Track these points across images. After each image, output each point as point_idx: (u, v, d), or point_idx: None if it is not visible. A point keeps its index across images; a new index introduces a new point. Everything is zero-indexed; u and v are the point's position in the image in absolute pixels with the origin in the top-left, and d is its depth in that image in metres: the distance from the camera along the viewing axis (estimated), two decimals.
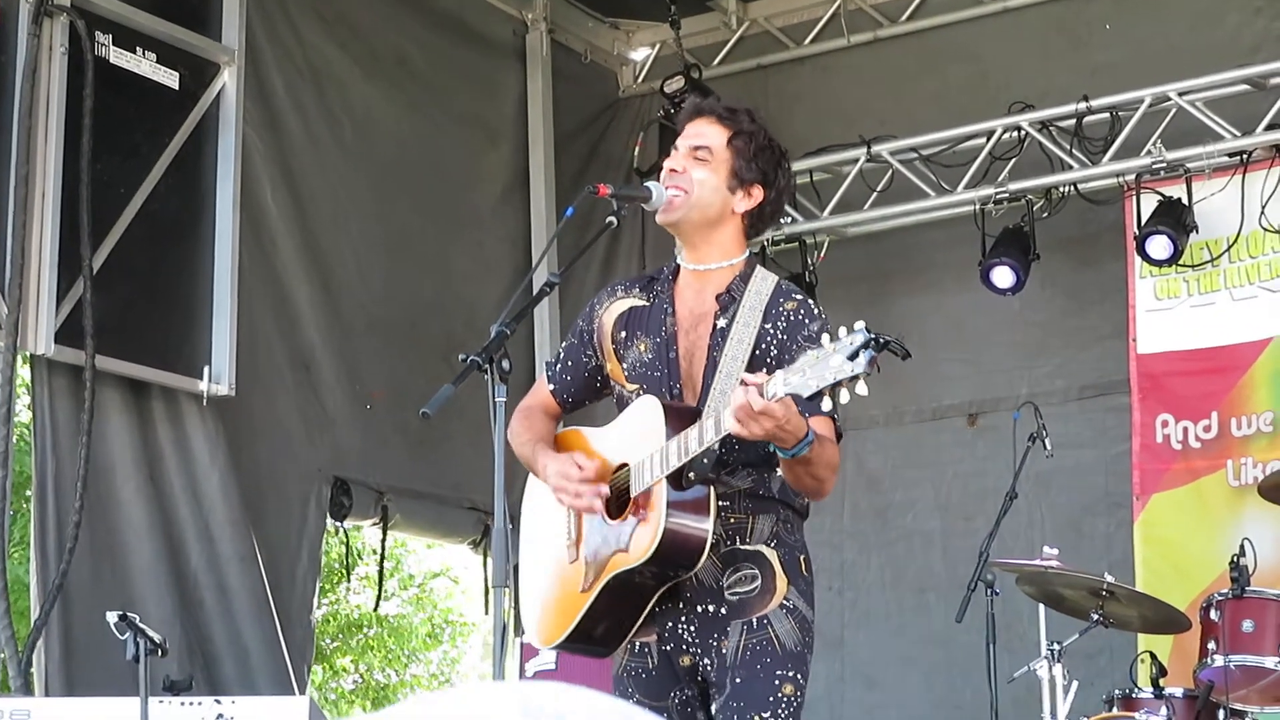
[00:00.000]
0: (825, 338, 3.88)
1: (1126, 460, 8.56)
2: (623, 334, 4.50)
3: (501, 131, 9.63)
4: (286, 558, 8.11)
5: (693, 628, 4.33)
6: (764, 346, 4.32)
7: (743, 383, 4.05)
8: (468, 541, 9.32)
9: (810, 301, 4.45)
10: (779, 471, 4.33)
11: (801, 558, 4.39)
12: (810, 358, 3.87)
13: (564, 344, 4.69)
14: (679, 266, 4.53)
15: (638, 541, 4.21)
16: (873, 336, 3.79)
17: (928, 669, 8.91)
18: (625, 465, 4.31)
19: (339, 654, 20.35)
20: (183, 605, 7.47)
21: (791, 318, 4.36)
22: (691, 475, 4.17)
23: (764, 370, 4.13)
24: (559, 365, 4.64)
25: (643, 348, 4.45)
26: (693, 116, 4.53)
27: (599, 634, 4.38)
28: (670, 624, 4.35)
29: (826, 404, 3.86)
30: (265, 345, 8.12)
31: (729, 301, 4.39)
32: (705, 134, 4.47)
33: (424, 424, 4.23)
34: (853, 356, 3.79)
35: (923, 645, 8.91)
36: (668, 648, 4.36)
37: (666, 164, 4.46)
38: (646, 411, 4.30)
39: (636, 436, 4.30)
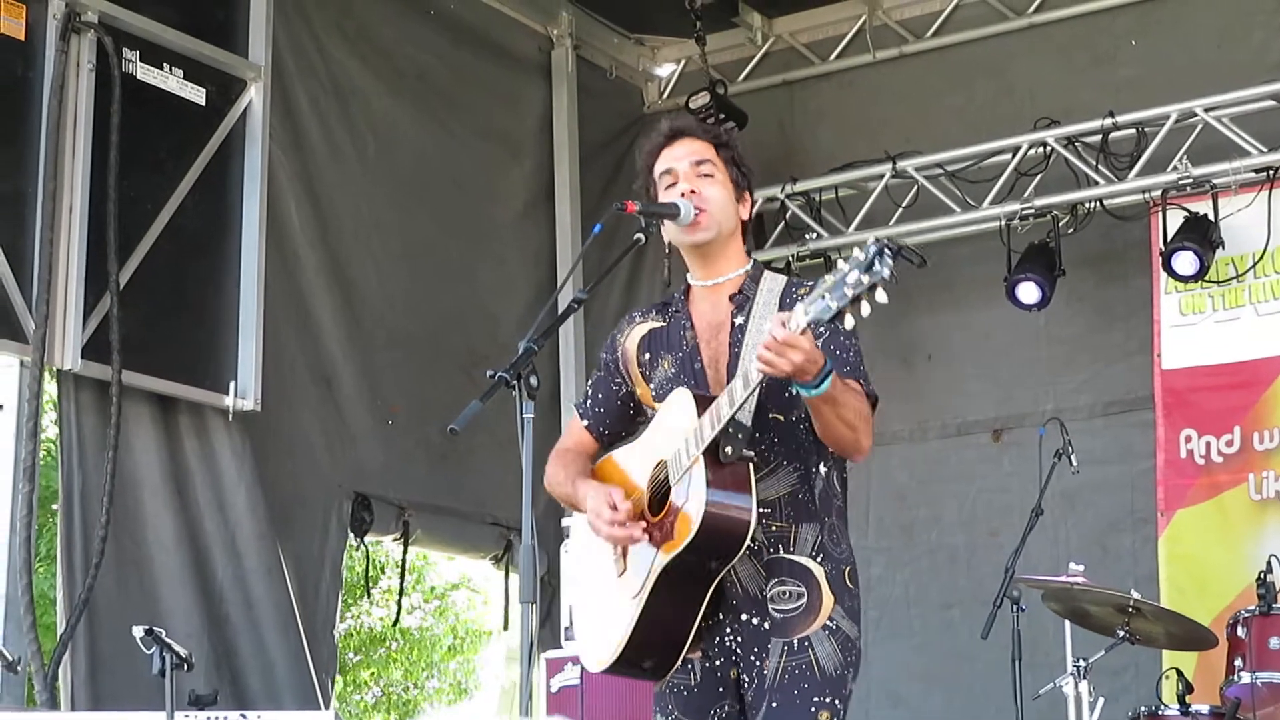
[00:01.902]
0: (839, 261, 3.89)
1: (1152, 476, 8.54)
2: (646, 356, 4.52)
3: (525, 147, 9.65)
4: (311, 572, 8.11)
5: (739, 639, 4.31)
6: None
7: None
8: (489, 557, 9.30)
9: None
10: (820, 470, 4.33)
11: (847, 570, 4.36)
12: (826, 283, 3.89)
13: (590, 380, 4.70)
14: (689, 287, 4.54)
15: (682, 526, 4.17)
16: (885, 244, 3.81)
17: (952, 685, 8.88)
18: (663, 461, 4.31)
19: (361, 667, 20.36)
20: (209, 619, 7.47)
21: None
22: (729, 450, 4.15)
23: None
24: (589, 400, 4.66)
25: (666, 364, 4.46)
26: (671, 139, 4.53)
27: (649, 648, 4.30)
28: (717, 638, 4.34)
29: (850, 321, 3.86)
30: (289, 360, 8.13)
31: (743, 300, 4.42)
32: (697, 150, 4.49)
33: (446, 439, 4.26)
34: (868, 268, 3.80)
35: (947, 661, 8.88)
36: (718, 661, 4.34)
37: (679, 186, 4.44)
38: (678, 404, 4.31)
39: (670, 430, 4.30)
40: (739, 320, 4.39)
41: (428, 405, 8.51)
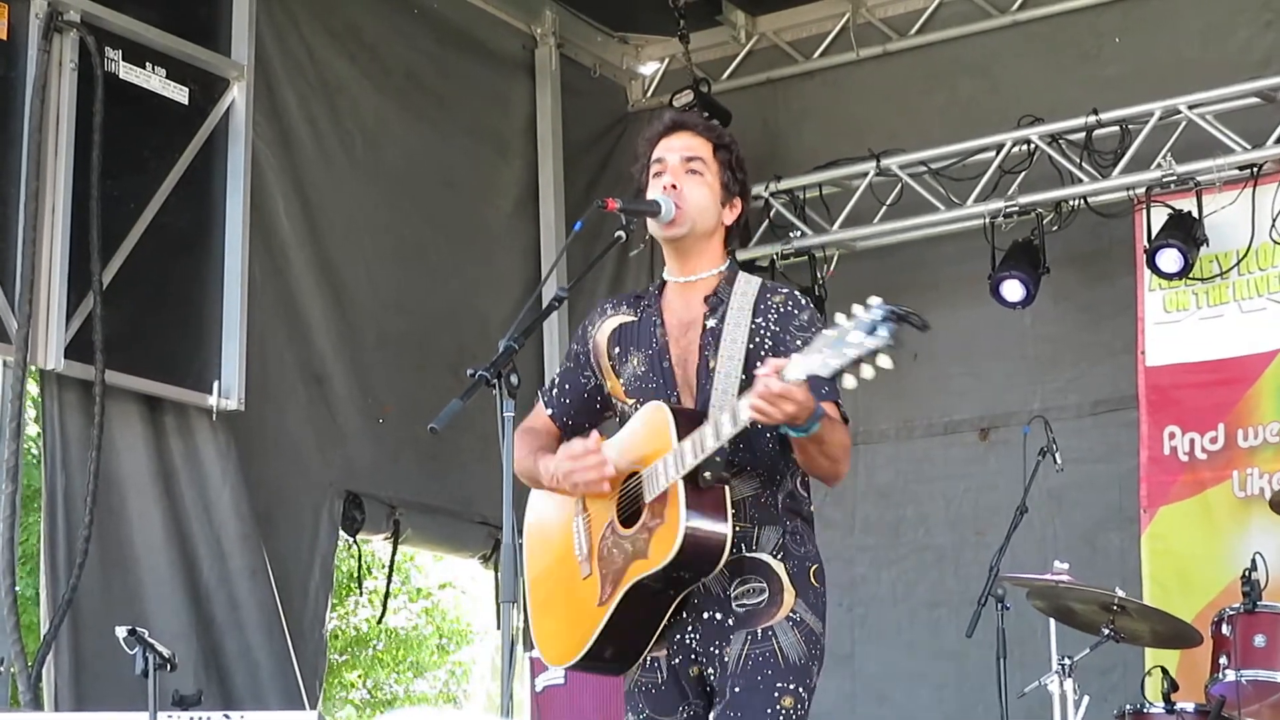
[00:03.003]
0: (841, 317, 3.85)
1: (1138, 474, 8.54)
2: (616, 350, 4.52)
3: (512, 145, 9.64)
4: (298, 572, 8.10)
5: (698, 635, 4.32)
6: (758, 340, 4.33)
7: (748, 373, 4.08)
8: (478, 556, 9.30)
9: (796, 293, 4.46)
10: (787, 478, 4.34)
11: (812, 569, 4.36)
12: (826, 338, 3.86)
13: (559, 369, 4.70)
14: (664, 282, 4.54)
15: (658, 546, 4.18)
16: (891, 309, 3.77)
17: (939, 684, 8.88)
18: (635, 474, 4.30)
19: (348, 668, 20.34)
20: (194, 619, 7.45)
21: (781, 309, 4.37)
22: (708, 475, 4.15)
23: (758, 364, 4.12)
24: (555, 390, 4.66)
25: (635, 362, 4.46)
26: (671, 130, 4.53)
27: (615, 649, 4.35)
28: (678, 635, 4.34)
29: (850, 382, 3.83)
30: (277, 359, 8.11)
31: (717, 303, 4.41)
32: (693, 146, 4.48)
33: (435, 438, 4.23)
34: (872, 331, 3.77)
35: (934, 660, 8.88)
36: (676, 661, 4.35)
37: (664, 179, 4.45)
38: (652, 417, 4.30)
39: (644, 443, 4.29)
40: (710, 323, 4.38)
41: (417, 403, 8.50)
